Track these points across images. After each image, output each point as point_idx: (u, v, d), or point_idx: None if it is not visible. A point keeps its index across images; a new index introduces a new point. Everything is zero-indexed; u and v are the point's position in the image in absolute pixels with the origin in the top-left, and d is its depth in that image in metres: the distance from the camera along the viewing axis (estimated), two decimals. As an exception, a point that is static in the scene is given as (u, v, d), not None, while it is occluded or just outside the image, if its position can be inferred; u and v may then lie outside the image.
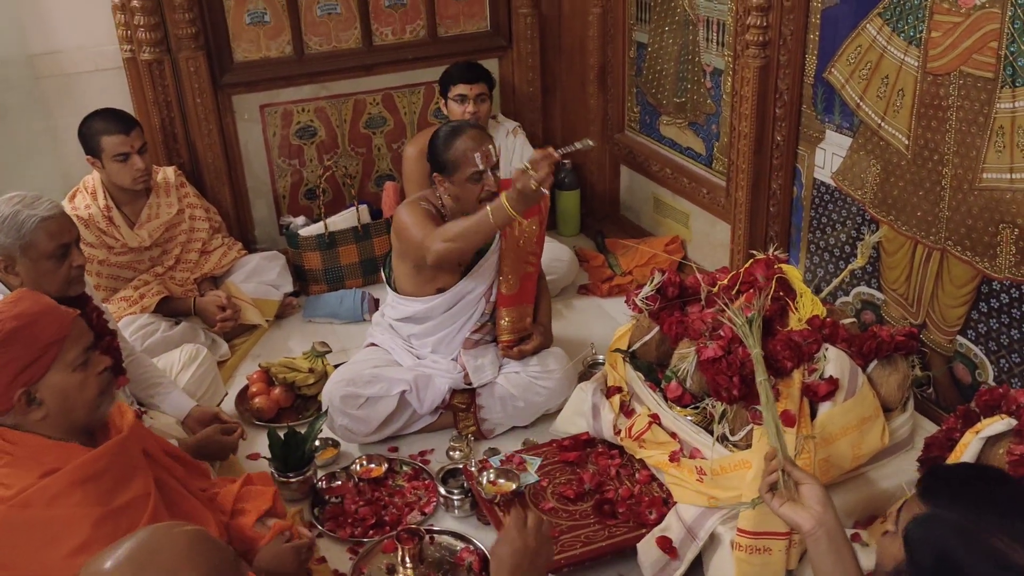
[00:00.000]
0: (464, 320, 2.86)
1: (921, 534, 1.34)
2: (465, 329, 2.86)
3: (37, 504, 1.66)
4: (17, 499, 1.65)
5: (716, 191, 3.41)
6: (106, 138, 3.11)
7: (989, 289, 2.36)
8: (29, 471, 1.68)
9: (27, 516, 1.65)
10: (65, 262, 2.40)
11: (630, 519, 2.29)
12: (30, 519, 1.65)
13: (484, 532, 2.45)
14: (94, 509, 1.69)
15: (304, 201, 3.98)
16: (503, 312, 2.85)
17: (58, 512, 1.66)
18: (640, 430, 2.35)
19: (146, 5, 3.35)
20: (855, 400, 2.14)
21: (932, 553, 1.31)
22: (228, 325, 3.31)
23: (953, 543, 1.29)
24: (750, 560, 2.04)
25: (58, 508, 1.66)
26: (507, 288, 2.84)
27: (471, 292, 2.85)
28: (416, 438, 2.87)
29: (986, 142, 2.26)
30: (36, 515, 1.65)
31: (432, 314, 2.84)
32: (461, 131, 2.70)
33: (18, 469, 1.68)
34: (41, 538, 1.64)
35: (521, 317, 2.88)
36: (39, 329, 1.73)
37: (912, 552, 1.34)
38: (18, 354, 1.69)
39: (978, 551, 1.28)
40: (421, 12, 3.89)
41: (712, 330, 2.24)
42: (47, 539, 1.64)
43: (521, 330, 2.88)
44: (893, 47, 2.47)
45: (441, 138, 2.73)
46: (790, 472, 1.67)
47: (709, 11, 3.26)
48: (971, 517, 1.31)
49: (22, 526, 1.65)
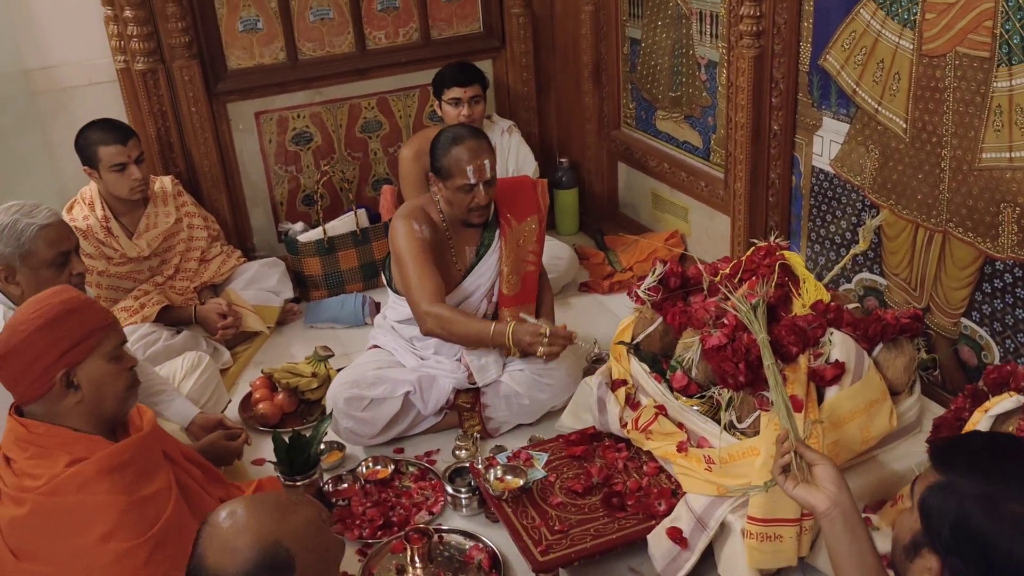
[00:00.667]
0: None
1: (937, 502, 1.31)
2: None
3: (67, 491, 1.71)
4: (46, 487, 1.71)
5: (714, 184, 3.40)
6: (103, 148, 3.11)
7: (992, 269, 2.35)
8: (56, 461, 1.73)
9: (57, 503, 1.71)
10: (65, 270, 2.41)
11: (639, 511, 2.27)
12: (61, 506, 1.70)
13: (493, 530, 2.44)
14: (121, 498, 1.75)
15: (302, 207, 3.98)
16: (505, 312, 2.84)
17: (87, 499, 1.72)
18: (647, 421, 2.33)
19: (139, 15, 3.36)
20: (862, 383, 2.13)
21: (949, 521, 1.29)
22: (229, 333, 3.29)
23: (970, 510, 1.27)
24: (761, 548, 2.03)
25: (87, 495, 1.72)
26: (508, 288, 2.83)
27: (472, 294, 2.84)
28: (421, 439, 2.86)
29: (984, 122, 2.26)
30: (66, 502, 1.71)
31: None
32: (461, 140, 2.70)
33: (45, 459, 1.74)
34: (71, 525, 1.69)
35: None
36: (84, 315, 1.84)
37: (928, 521, 1.32)
38: (65, 334, 1.79)
39: (996, 517, 1.26)
40: (414, 15, 3.89)
41: (716, 318, 2.23)
42: (77, 526, 1.70)
43: None
44: (888, 31, 2.47)
45: (442, 142, 2.73)
46: (802, 453, 1.66)
47: (702, 3, 3.26)
48: (987, 483, 1.29)
49: (53, 513, 1.70)
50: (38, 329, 1.78)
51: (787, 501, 1.99)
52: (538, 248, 2.91)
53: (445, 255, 2.81)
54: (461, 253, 2.85)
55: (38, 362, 1.78)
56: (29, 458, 1.75)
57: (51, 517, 1.70)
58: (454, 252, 2.83)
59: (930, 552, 1.32)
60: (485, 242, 2.84)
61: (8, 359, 1.79)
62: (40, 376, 1.78)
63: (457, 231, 2.83)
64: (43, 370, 1.78)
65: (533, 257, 2.88)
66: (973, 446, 1.41)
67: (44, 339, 1.78)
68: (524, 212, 2.87)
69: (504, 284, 2.83)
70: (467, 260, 2.85)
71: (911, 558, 1.35)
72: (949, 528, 1.29)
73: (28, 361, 1.78)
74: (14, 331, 1.80)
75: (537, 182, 2.96)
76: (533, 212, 2.88)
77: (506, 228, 2.83)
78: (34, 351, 1.78)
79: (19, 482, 1.74)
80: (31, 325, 1.79)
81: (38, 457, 1.75)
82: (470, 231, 2.84)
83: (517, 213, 2.86)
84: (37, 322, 1.79)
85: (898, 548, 1.38)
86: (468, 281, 2.83)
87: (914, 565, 1.34)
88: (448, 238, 2.82)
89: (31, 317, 1.80)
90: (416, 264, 2.68)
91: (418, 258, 2.69)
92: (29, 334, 1.78)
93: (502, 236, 2.83)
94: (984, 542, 1.26)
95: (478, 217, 2.76)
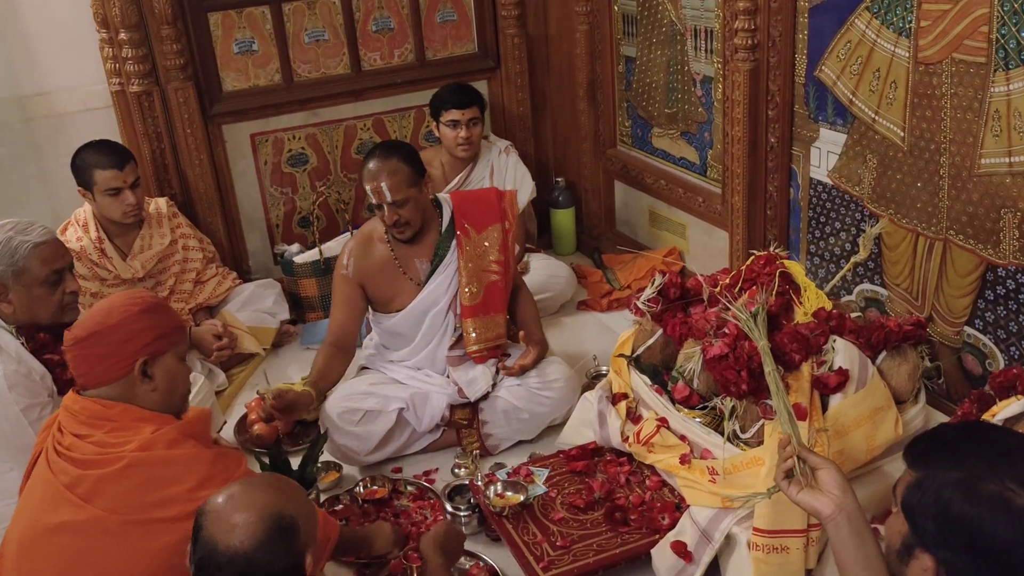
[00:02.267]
0: (438, 337, 2.84)
1: (917, 498, 1.30)
2: (442, 346, 2.84)
3: (158, 446, 1.79)
4: (139, 446, 1.78)
5: (712, 199, 3.39)
6: (99, 172, 3.09)
7: (994, 276, 2.33)
8: (140, 431, 1.81)
9: (151, 457, 1.78)
10: (59, 288, 2.39)
11: (643, 525, 2.23)
12: (154, 459, 1.78)
13: (493, 549, 2.39)
14: (207, 451, 1.85)
15: (298, 229, 3.96)
16: (468, 324, 2.81)
17: (178, 452, 1.80)
18: (648, 434, 2.30)
19: (134, 37, 3.35)
20: (866, 391, 2.10)
21: (932, 514, 1.28)
22: (225, 354, 3.26)
23: (948, 498, 1.26)
24: (768, 560, 1.99)
25: (177, 449, 1.81)
26: (469, 299, 2.80)
27: (433, 307, 2.81)
28: (420, 458, 2.82)
29: (983, 127, 2.25)
30: (159, 456, 1.79)
31: (400, 328, 2.84)
32: (371, 156, 2.72)
33: (128, 431, 1.82)
34: (165, 476, 1.77)
35: (488, 327, 2.83)
36: (172, 313, 1.96)
37: (913, 520, 1.31)
38: (158, 323, 1.88)
39: (974, 500, 1.25)
40: (408, 36, 3.90)
41: (717, 328, 2.21)
42: (171, 476, 1.77)
43: (491, 339, 2.83)
44: (883, 40, 2.47)
45: (366, 155, 2.76)
46: (806, 458, 1.63)
47: (696, 19, 3.27)
48: (961, 469, 1.28)
49: (147, 466, 1.77)
50: (139, 313, 1.85)
51: (793, 511, 1.96)
52: (503, 258, 2.84)
53: (390, 272, 2.81)
54: (411, 270, 2.82)
55: (128, 344, 1.84)
56: (109, 432, 1.81)
57: (146, 470, 1.77)
58: (401, 266, 2.81)
59: (922, 551, 1.31)
60: (440, 252, 2.81)
61: (101, 336, 1.83)
62: (126, 358, 1.84)
63: (406, 245, 2.81)
64: (131, 353, 1.84)
65: (497, 267, 2.83)
66: (943, 437, 1.40)
67: (140, 323, 1.85)
68: (484, 222, 2.84)
69: (465, 295, 2.80)
70: (420, 275, 2.82)
71: (905, 562, 1.33)
72: (933, 521, 1.27)
73: (120, 341, 1.83)
74: (110, 312, 1.86)
75: (504, 192, 2.95)
76: (495, 221, 2.84)
77: (463, 238, 2.80)
78: (127, 332, 1.84)
79: (103, 450, 1.79)
80: (132, 308, 1.86)
81: (119, 430, 1.82)
82: (421, 244, 2.81)
83: (476, 223, 2.83)
84: (137, 307, 1.86)
85: (892, 554, 1.37)
86: (426, 293, 2.80)
87: (910, 569, 1.32)
88: (394, 257, 2.81)
89: (128, 302, 1.88)
90: (334, 297, 2.85)
91: (336, 292, 2.84)
92: (130, 316, 1.85)
93: (459, 246, 2.81)
94: (968, 528, 1.25)
95: (400, 234, 2.75)
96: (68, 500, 1.76)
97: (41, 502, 1.80)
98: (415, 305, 2.80)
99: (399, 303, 2.82)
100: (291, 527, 1.53)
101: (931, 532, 1.27)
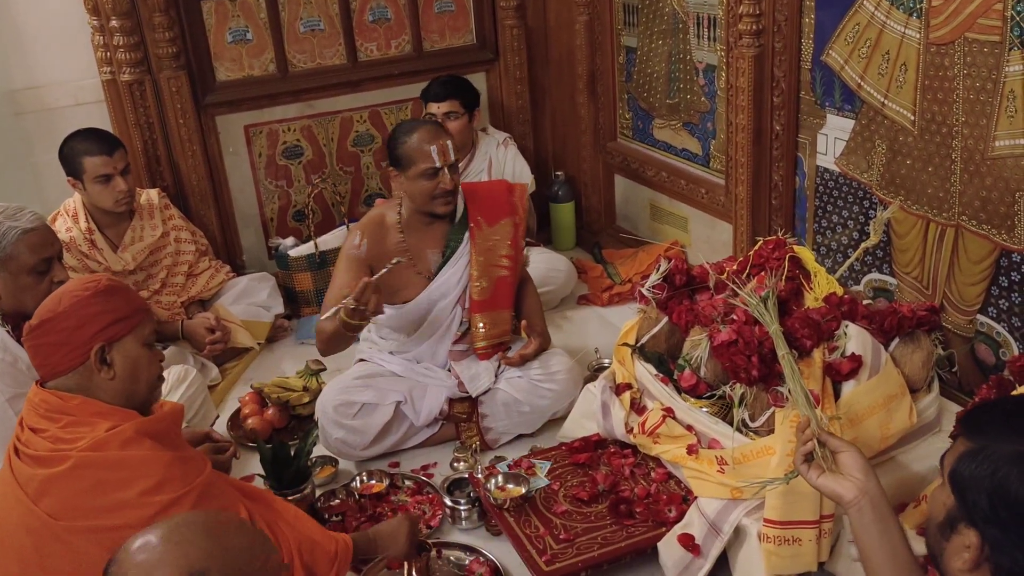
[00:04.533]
0: (443, 330, 2.76)
1: (971, 470, 1.21)
2: (446, 340, 2.77)
3: (111, 447, 1.69)
4: (89, 445, 1.68)
5: (715, 190, 3.33)
6: (88, 159, 3.02)
7: (1008, 262, 2.27)
8: (95, 427, 1.71)
9: (101, 458, 1.68)
10: (47, 277, 2.34)
11: (649, 518, 2.16)
12: (104, 461, 1.68)
13: (494, 543, 2.33)
14: (166, 453, 1.73)
15: (293, 223, 3.89)
16: (477, 318, 2.74)
17: (132, 454, 1.70)
18: (654, 424, 2.23)
19: (125, 25, 3.29)
20: (880, 377, 2.04)
21: (985, 488, 1.19)
22: (218, 348, 3.18)
23: (1006, 474, 1.17)
24: (779, 552, 1.92)
25: (131, 450, 1.70)
26: (479, 293, 2.73)
27: (441, 300, 2.74)
28: (418, 453, 2.75)
29: (996, 109, 2.19)
30: (111, 457, 1.68)
31: (404, 322, 2.75)
32: (419, 126, 2.65)
33: (83, 427, 1.72)
34: (116, 479, 1.67)
35: (496, 323, 2.76)
36: (129, 295, 1.84)
37: (963, 493, 1.22)
38: (113, 307, 1.77)
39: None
40: (406, 27, 3.84)
41: (724, 315, 2.14)
42: (121, 480, 1.67)
43: (497, 335, 2.76)
44: (893, 21, 2.41)
45: (400, 131, 2.68)
46: (826, 441, 1.56)
47: (699, 6, 3.21)
48: (1022, 444, 1.19)
49: (96, 468, 1.67)
50: (91, 297, 1.76)
51: (805, 502, 1.90)
52: (512, 253, 2.78)
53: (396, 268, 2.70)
54: (422, 259, 2.74)
55: (81, 330, 1.74)
56: (64, 427, 1.72)
57: (94, 472, 1.66)
58: (412, 257, 2.72)
59: (967, 527, 1.22)
60: (452, 244, 2.74)
61: (54, 323, 1.75)
62: (80, 346, 1.74)
63: (418, 234, 2.73)
64: (85, 339, 1.74)
65: (507, 262, 2.76)
66: (1003, 408, 1.31)
67: (93, 307, 1.75)
68: (496, 215, 2.78)
69: (475, 289, 2.73)
70: (431, 265, 2.75)
71: (947, 536, 1.24)
72: (986, 496, 1.19)
73: (72, 327, 1.74)
74: (62, 298, 1.77)
75: (515, 186, 2.89)
76: (506, 215, 2.78)
77: (475, 231, 2.73)
78: (79, 318, 1.74)
79: (55, 446, 1.70)
80: (83, 293, 1.76)
81: (74, 425, 1.72)
82: (433, 232, 2.73)
83: (489, 216, 2.77)
84: (89, 291, 1.77)
85: (933, 527, 1.28)
86: (435, 285, 2.73)
87: (951, 543, 1.24)
88: (406, 248, 2.71)
89: (80, 287, 1.78)
90: (336, 276, 2.69)
91: (340, 271, 2.69)
92: (80, 300, 1.75)
93: (471, 239, 2.74)
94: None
95: (444, 206, 2.65)
96: (20, 500, 1.67)
97: (3, 499, 1.72)
98: (423, 297, 2.72)
99: (406, 295, 2.73)
100: None
101: (982, 507, 1.19)
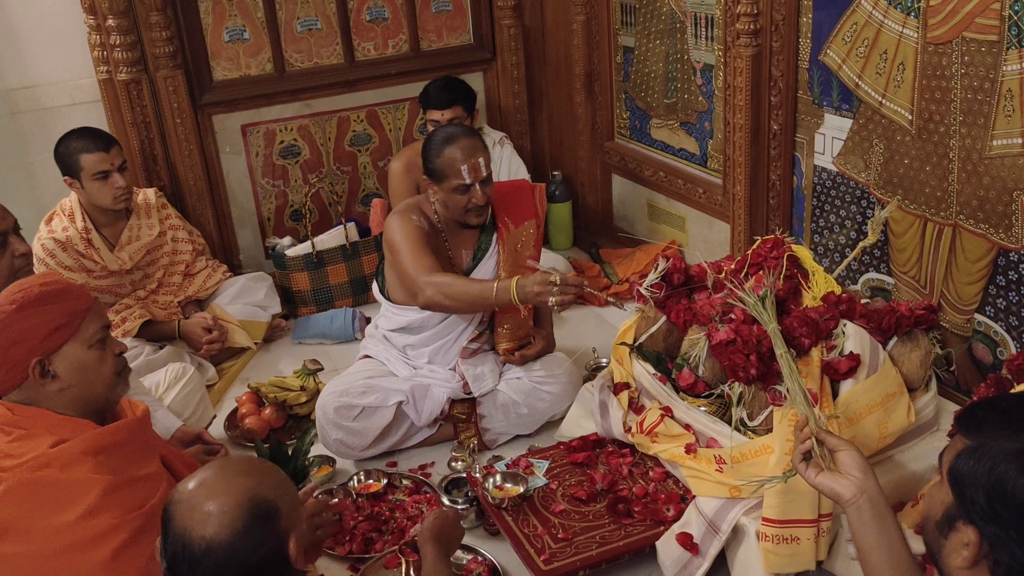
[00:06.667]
0: (461, 329, 2.75)
1: (969, 467, 1.20)
2: (463, 338, 2.75)
3: (52, 467, 1.65)
4: (28, 464, 1.64)
5: (712, 190, 3.33)
6: (85, 156, 3.01)
7: (1006, 261, 2.27)
8: (40, 441, 1.67)
9: (39, 478, 1.65)
10: (5, 252, 2.25)
11: (647, 517, 2.16)
12: (43, 480, 1.65)
13: (492, 543, 2.32)
14: (106, 477, 1.67)
15: (290, 222, 3.89)
16: (502, 319, 2.74)
17: (71, 475, 1.65)
18: (652, 423, 2.23)
19: (122, 24, 3.28)
20: (878, 376, 2.03)
21: (984, 485, 1.18)
22: (215, 348, 3.18)
23: (1005, 471, 1.17)
24: (777, 551, 1.92)
25: (72, 472, 1.65)
26: None
27: None
28: (415, 452, 2.75)
29: (994, 108, 2.19)
30: (49, 476, 1.65)
31: (428, 324, 2.73)
32: (454, 139, 2.61)
33: (29, 441, 1.68)
34: (52, 500, 1.63)
35: (520, 324, 2.77)
36: (64, 298, 1.74)
37: (961, 490, 1.21)
38: (45, 319, 1.70)
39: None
40: (403, 26, 3.83)
41: (722, 315, 2.14)
42: (58, 501, 1.63)
43: (520, 337, 2.77)
44: (890, 20, 2.41)
45: (434, 143, 2.64)
46: (824, 439, 1.56)
47: (696, 6, 3.21)
48: (1021, 441, 1.18)
49: (33, 489, 1.64)
50: (15, 313, 1.69)
51: (803, 500, 1.89)
52: (535, 254, 2.81)
53: (441, 256, 2.71)
54: (457, 256, 2.75)
55: (12, 349, 1.69)
56: (12, 441, 1.68)
57: (31, 493, 1.63)
58: (451, 253, 2.73)
59: (966, 524, 1.21)
60: (482, 246, 2.75)
61: None
62: (16, 364, 1.70)
63: (453, 234, 2.74)
64: (20, 357, 1.69)
65: (532, 263, 2.78)
66: (1001, 405, 1.30)
67: (21, 323, 1.69)
68: (522, 216, 2.78)
69: None
70: (463, 264, 2.75)
71: (945, 534, 1.23)
72: (984, 493, 1.18)
73: (3, 347, 1.69)
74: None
75: (536, 187, 2.89)
76: (531, 216, 2.79)
77: (504, 232, 2.74)
78: (8, 338, 1.69)
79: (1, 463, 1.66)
80: (8, 308, 1.70)
81: (22, 439, 1.68)
82: (466, 234, 2.75)
83: (515, 217, 2.77)
84: (14, 305, 1.70)
85: (930, 525, 1.27)
86: None
87: (949, 541, 1.23)
88: (444, 240, 2.73)
89: (6, 302, 1.71)
90: (413, 247, 2.57)
91: (416, 242, 2.58)
92: (6, 317, 1.69)
93: (500, 240, 2.74)
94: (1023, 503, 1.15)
95: (476, 217, 2.66)
96: None
97: None
98: None
99: None
100: (271, 512, 1.38)
101: (980, 505, 1.18)
